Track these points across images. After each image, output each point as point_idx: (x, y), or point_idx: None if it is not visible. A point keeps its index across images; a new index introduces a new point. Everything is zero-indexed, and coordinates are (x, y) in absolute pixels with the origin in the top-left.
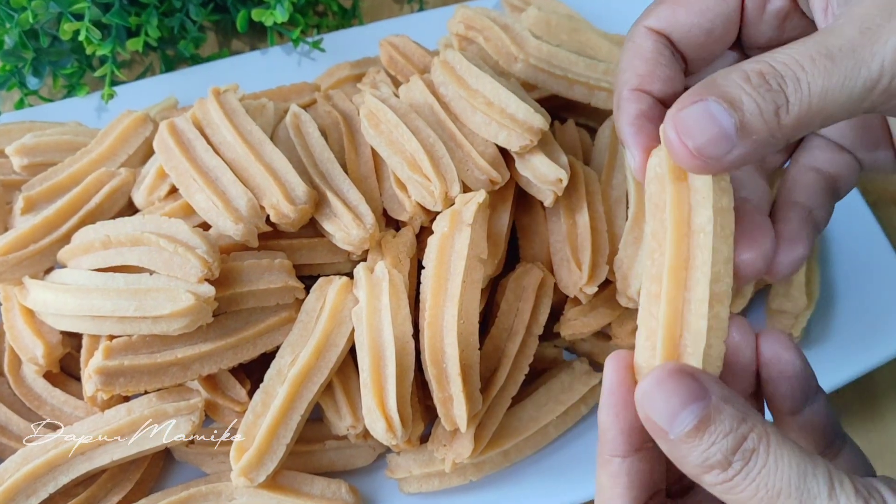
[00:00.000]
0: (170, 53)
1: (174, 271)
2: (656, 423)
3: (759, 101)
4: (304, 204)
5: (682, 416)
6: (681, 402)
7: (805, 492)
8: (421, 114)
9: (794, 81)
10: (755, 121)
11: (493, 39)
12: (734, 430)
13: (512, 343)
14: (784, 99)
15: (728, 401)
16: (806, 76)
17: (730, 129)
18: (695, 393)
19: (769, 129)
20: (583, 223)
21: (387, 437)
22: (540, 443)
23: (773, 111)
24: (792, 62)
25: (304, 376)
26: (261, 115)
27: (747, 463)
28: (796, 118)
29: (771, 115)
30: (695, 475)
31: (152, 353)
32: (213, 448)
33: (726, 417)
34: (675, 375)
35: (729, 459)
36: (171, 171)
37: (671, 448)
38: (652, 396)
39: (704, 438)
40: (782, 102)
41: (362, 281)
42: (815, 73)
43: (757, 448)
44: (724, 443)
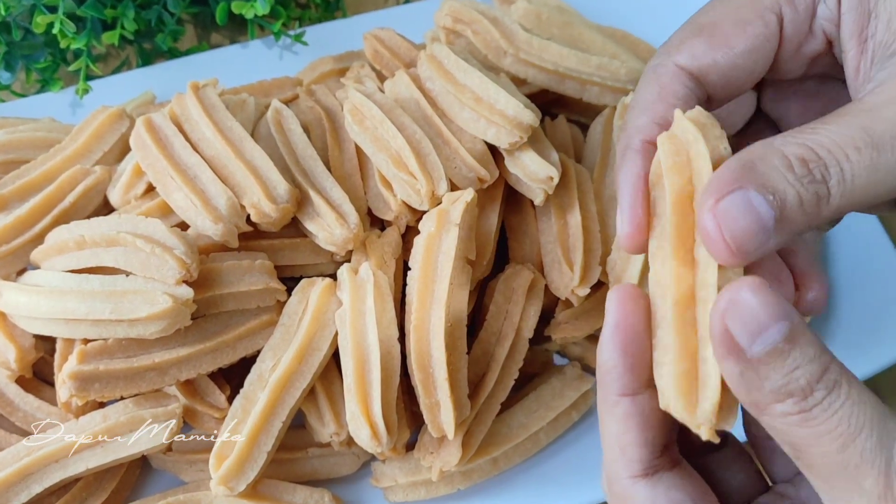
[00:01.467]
0: (147, 47)
1: (151, 273)
2: (735, 337)
3: (801, 193)
4: (285, 203)
5: (768, 333)
6: (771, 314)
7: (886, 432)
8: (407, 109)
9: (839, 172)
10: (795, 213)
11: (481, 33)
12: (818, 358)
13: (501, 347)
14: (826, 191)
15: (808, 328)
16: (851, 167)
17: (769, 223)
18: (785, 310)
19: (808, 221)
20: (574, 223)
21: (371, 444)
22: (530, 450)
23: (814, 203)
24: (836, 149)
25: (285, 381)
26: (241, 110)
27: (830, 393)
28: (836, 209)
29: (812, 206)
30: (764, 404)
31: (128, 358)
32: (192, 455)
33: (810, 343)
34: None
35: (812, 387)
36: (148, 168)
37: (745, 369)
38: (741, 306)
39: (789, 360)
40: (824, 194)
41: (346, 283)
42: (860, 164)
43: (839, 381)
44: (810, 367)
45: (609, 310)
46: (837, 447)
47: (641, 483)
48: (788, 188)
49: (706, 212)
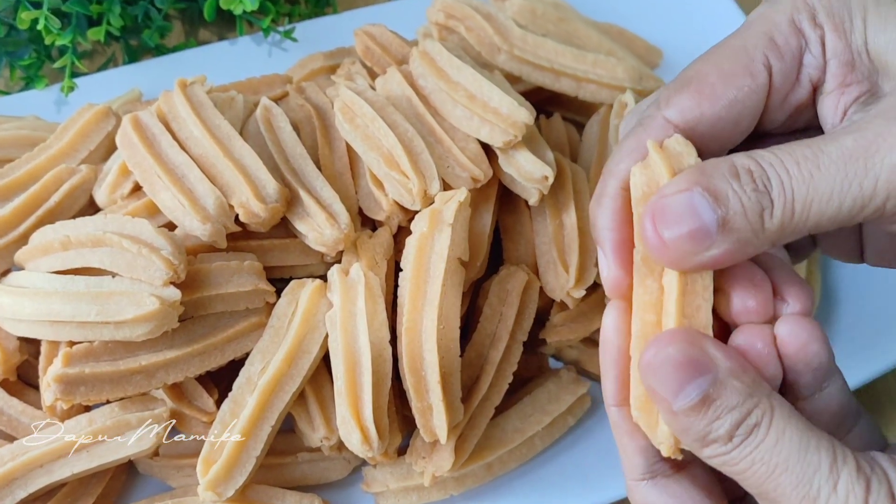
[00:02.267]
0: (133, 43)
1: (138, 274)
2: (660, 394)
3: (744, 201)
4: (275, 202)
5: (686, 391)
6: (686, 376)
7: (805, 466)
8: (399, 107)
9: (779, 184)
10: (739, 220)
11: (475, 29)
12: (739, 406)
13: (495, 350)
14: (769, 201)
15: (735, 374)
16: (790, 181)
17: (711, 226)
18: (701, 366)
19: (752, 231)
20: (570, 223)
21: (362, 448)
22: (525, 455)
23: (757, 213)
24: (778, 163)
25: (275, 385)
26: (230, 108)
27: (748, 437)
28: (780, 224)
29: (755, 216)
30: (693, 448)
31: (115, 361)
32: (179, 460)
33: (732, 392)
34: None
35: (731, 434)
36: (135, 167)
37: (672, 420)
38: (656, 368)
39: (708, 413)
40: (767, 205)
41: (336, 284)
42: (799, 178)
43: (760, 423)
44: (728, 418)
45: (602, 324)
46: (759, 484)
47: (642, 485)
48: (732, 194)
49: (647, 209)
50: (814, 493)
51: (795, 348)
